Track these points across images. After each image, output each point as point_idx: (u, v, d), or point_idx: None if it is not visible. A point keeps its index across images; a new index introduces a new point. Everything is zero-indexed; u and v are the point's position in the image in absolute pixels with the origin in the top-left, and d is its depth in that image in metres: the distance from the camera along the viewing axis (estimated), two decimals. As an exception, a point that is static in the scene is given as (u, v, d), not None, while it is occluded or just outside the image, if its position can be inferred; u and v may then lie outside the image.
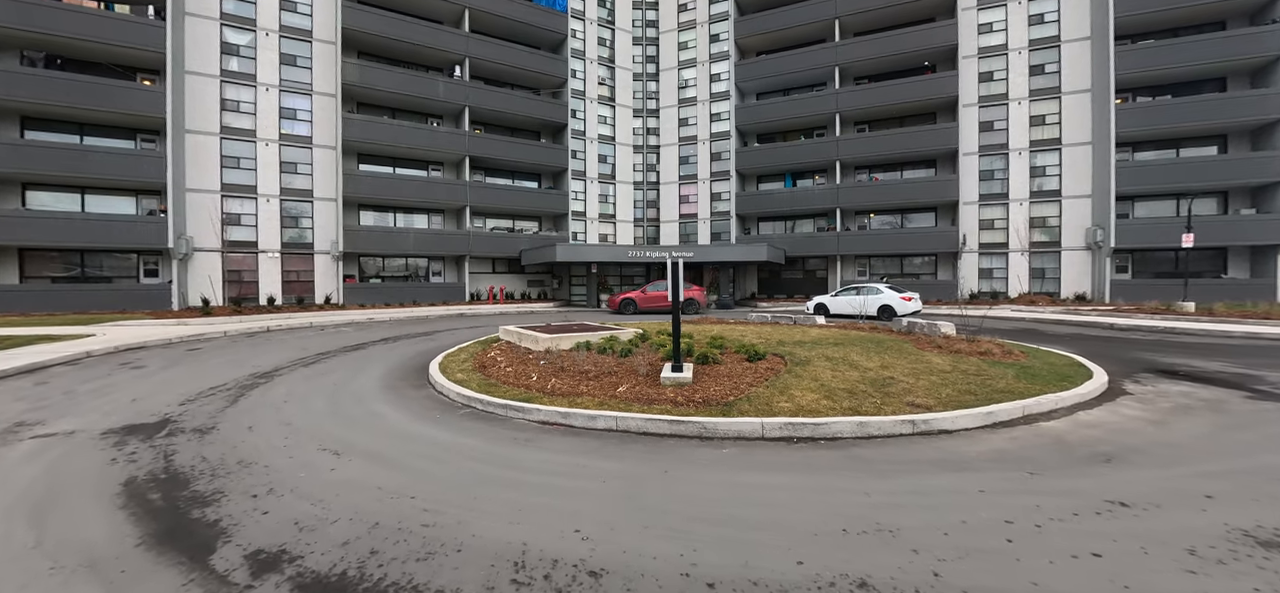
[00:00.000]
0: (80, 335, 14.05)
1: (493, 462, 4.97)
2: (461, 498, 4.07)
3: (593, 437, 5.71)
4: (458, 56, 27.73)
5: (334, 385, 8.61)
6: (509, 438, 5.68)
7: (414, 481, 4.45)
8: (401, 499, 4.04)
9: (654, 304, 23.60)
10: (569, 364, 8.44)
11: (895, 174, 30.23)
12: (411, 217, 28.13)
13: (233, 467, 4.83)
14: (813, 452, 5.20)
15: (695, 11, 35.34)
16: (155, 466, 4.89)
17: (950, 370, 8.05)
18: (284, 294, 24.40)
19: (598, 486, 4.35)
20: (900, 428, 5.72)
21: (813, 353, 9.16)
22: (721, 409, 6.18)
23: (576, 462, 4.94)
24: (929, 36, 28.04)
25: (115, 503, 4.04)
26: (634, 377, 7.54)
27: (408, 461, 5.02)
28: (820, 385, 7.11)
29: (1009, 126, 27.72)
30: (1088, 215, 26.18)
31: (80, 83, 19.76)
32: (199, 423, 6.38)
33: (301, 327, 17.40)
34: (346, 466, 4.83)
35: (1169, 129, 24.82)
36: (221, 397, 7.85)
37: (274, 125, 24.32)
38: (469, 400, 7.14)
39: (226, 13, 23.38)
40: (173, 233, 21.02)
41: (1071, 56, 26.58)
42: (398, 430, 6.05)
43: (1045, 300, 25.26)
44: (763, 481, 4.46)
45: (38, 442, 5.69)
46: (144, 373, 9.76)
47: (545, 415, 6.23)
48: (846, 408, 6.17)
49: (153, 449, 5.39)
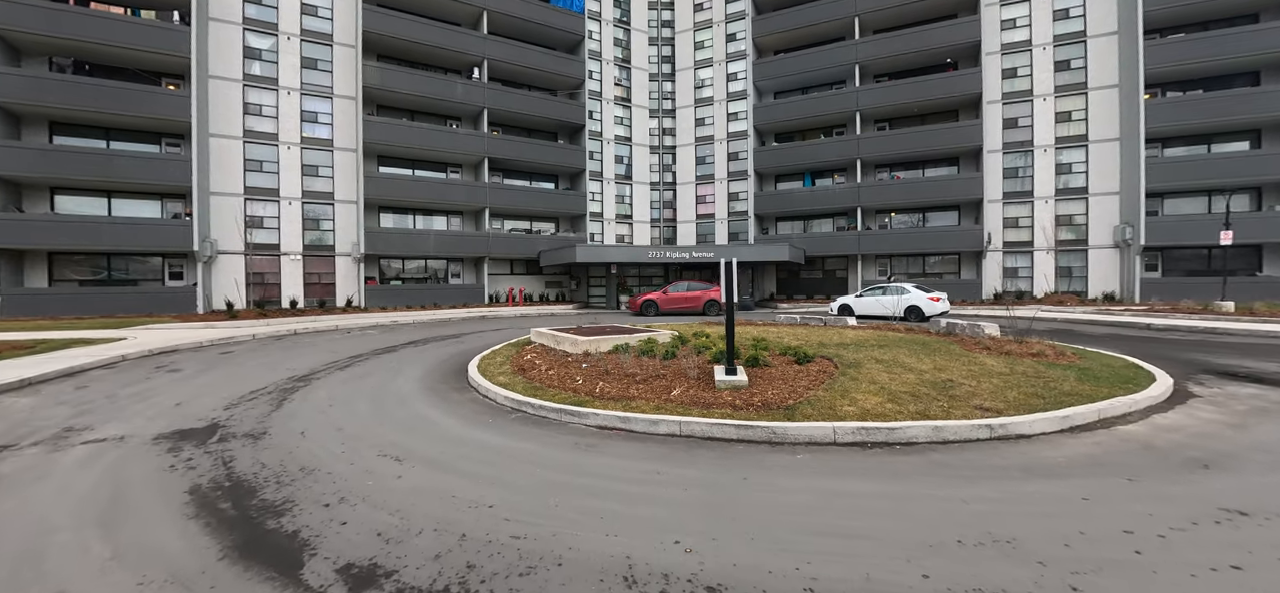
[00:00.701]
0: (112, 338, 14.10)
1: (561, 468, 4.80)
2: (542, 507, 3.91)
3: (656, 442, 5.53)
4: (476, 58, 27.74)
5: (374, 389, 8.51)
6: (570, 444, 5.51)
7: (487, 489, 4.29)
8: (480, 509, 3.88)
9: (676, 305, 23.39)
10: (613, 367, 8.27)
11: (916, 172, 29.83)
12: (430, 219, 28.15)
13: (295, 474, 4.70)
14: (890, 457, 4.99)
15: (711, 11, 35.16)
16: (216, 472, 4.77)
17: (1008, 372, 7.78)
18: (305, 297, 24.49)
19: (680, 493, 4.16)
20: (976, 433, 5.49)
21: (860, 354, 8.92)
22: (784, 413, 5.97)
23: (649, 468, 4.76)
24: (951, 33, 27.65)
25: (185, 512, 3.91)
26: (684, 380, 7.35)
27: (472, 467, 4.86)
28: (879, 388, 6.89)
29: (1033, 123, 27.25)
30: (1115, 213, 25.66)
31: (107, 88, 19.96)
32: (249, 428, 6.28)
33: (327, 329, 17.39)
34: (411, 473, 4.69)
35: (1199, 124, 24.27)
36: (264, 400, 7.76)
37: (295, 129, 24.44)
38: (517, 404, 6.98)
39: (249, 18, 23.53)
40: (197, 236, 21.15)
41: (1098, 51, 26.09)
42: (453, 436, 5.90)
43: (1073, 300, 24.75)
44: (850, 488, 4.26)
45: (90, 447, 5.61)
46: (181, 376, 9.72)
47: (603, 420, 6.06)
48: (914, 411, 5.95)
49: (209, 455, 5.28)
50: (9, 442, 5.88)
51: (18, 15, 18.84)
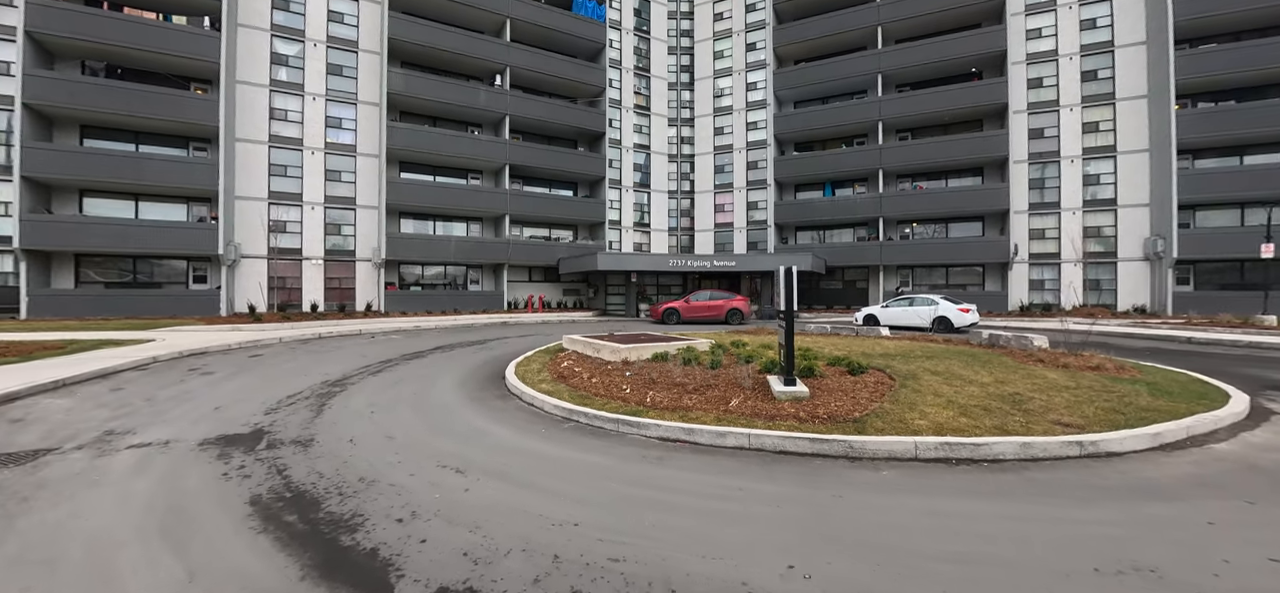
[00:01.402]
0: (141, 340, 14.06)
1: (633, 483, 4.55)
2: (631, 525, 3.66)
3: (724, 455, 5.27)
4: (498, 65, 27.82)
5: (413, 396, 8.31)
6: (635, 456, 5.26)
7: (563, 505, 4.05)
8: (565, 527, 3.63)
9: (698, 314, 23.12)
10: (660, 376, 8.02)
11: (939, 182, 29.46)
12: (450, 224, 28.14)
13: (356, 484, 4.49)
14: (981, 475, 4.71)
15: (731, 21, 35.13)
16: (273, 482, 4.57)
17: (1074, 387, 7.44)
18: (326, 301, 24.48)
19: (772, 511, 3.90)
20: (1066, 450, 5.19)
21: (912, 366, 8.61)
22: (854, 427, 5.69)
23: (728, 483, 4.50)
24: (976, 42, 27.38)
25: (251, 526, 3.70)
26: (739, 390, 7.08)
27: (540, 480, 4.62)
28: (946, 402, 6.58)
29: (1060, 133, 26.84)
30: (1145, 225, 25.12)
31: (138, 91, 20.17)
32: (295, 435, 6.09)
33: (351, 334, 17.30)
34: (478, 486, 4.45)
35: (1231, 135, 23.76)
36: (304, 406, 7.59)
37: (320, 134, 24.57)
38: (569, 414, 6.74)
39: (277, 24, 23.76)
40: (222, 239, 21.22)
41: (1126, 62, 25.69)
42: (510, 446, 5.67)
43: (1104, 313, 24.17)
44: (954, 508, 3.98)
45: (136, 453, 5.44)
46: (215, 380, 9.58)
47: (664, 432, 5.80)
48: (991, 427, 5.65)
49: (260, 463, 5.09)
50: (52, 445, 5.74)
51: (53, 19, 19.12)
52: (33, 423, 6.61)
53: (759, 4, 34.12)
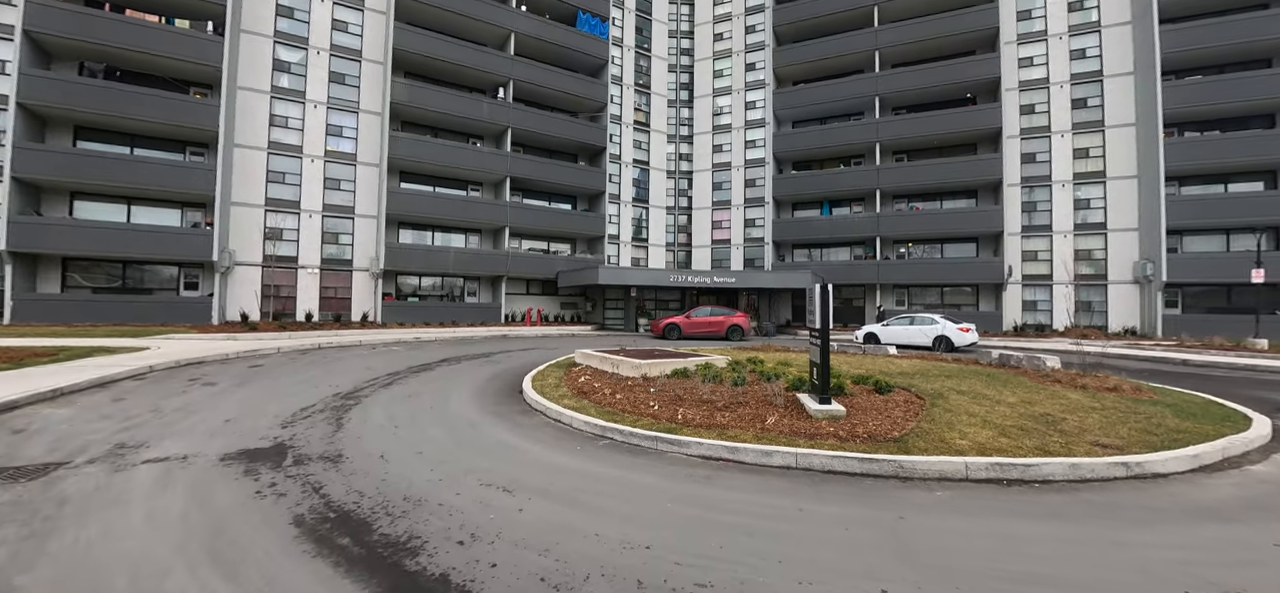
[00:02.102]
0: (134, 348, 13.61)
1: (690, 502, 4.43)
2: (704, 548, 3.54)
3: (773, 474, 5.17)
4: (502, 79, 27.85)
5: (433, 410, 8.11)
6: (682, 475, 5.15)
7: (627, 526, 3.91)
8: (637, 550, 3.51)
9: (699, 330, 23.07)
10: (685, 393, 7.92)
11: (934, 204, 29.94)
12: (449, 236, 27.89)
13: (401, 504, 4.31)
14: (1036, 496, 4.68)
15: (731, 42, 35.67)
16: (312, 501, 4.37)
17: (1099, 408, 7.48)
18: (321, 311, 24.02)
19: (841, 534, 3.80)
20: (1113, 471, 5.18)
21: (936, 386, 8.61)
22: (896, 446, 5.63)
23: (786, 504, 4.40)
24: (971, 69, 28.07)
25: (303, 549, 3.51)
26: (771, 408, 7.01)
27: (592, 500, 4.48)
28: (981, 421, 6.56)
29: (1052, 159, 27.49)
30: (1134, 249, 25.70)
31: (136, 94, 19.79)
32: (321, 450, 5.87)
33: (351, 345, 16.94)
34: (531, 506, 4.30)
35: (1216, 164, 24.50)
36: (320, 420, 7.35)
37: (320, 142, 24.30)
38: (602, 431, 6.60)
39: (280, 31, 23.58)
40: (217, 246, 20.76)
41: (1114, 91, 26.47)
42: (548, 463, 5.52)
43: (1096, 333, 24.58)
44: (1021, 530, 3.94)
45: (155, 468, 5.19)
46: (219, 391, 9.27)
47: (706, 450, 5.69)
48: (1033, 448, 5.62)
49: (292, 480, 4.88)
50: (61, 458, 5.47)
51: (54, 19, 18.76)
52: (36, 434, 6.31)
53: (758, 26, 34.71)
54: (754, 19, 34.82)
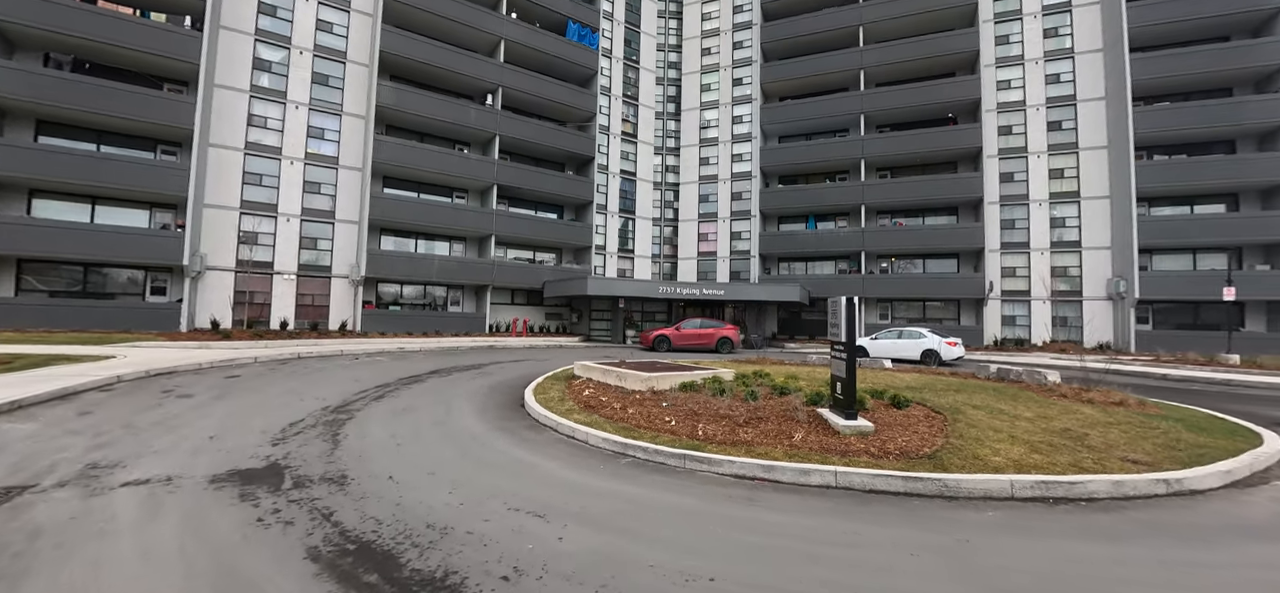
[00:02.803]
0: (98, 356, 12.71)
1: (742, 527, 4.16)
2: (775, 581, 3.28)
3: (813, 494, 4.94)
4: (490, 85, 27.43)
5: (434, 424, 7.68)
6: (720, 496, 4.87)
7: (682, 555, 3.62)
8: (700, 582, 3.23)
9: (689, 342, 22.87)
10: (702, 408, 7.66)
11: (917, 220, 30.53)
12: (432, 243, 27.17)
13: (425, 532, 3.93)
14: (1086, 515, 4.57)
15: (718, 56, 36.01)
16: (325, 530, 3.94)
17: (1114, 422, 7.48)
18: (297, 318, 23.03)
19: (909, 560, 3.59)
20: (1155, 488, 5.13)
21: (949, 400, 8.53)
22: (931, 463, 5.47)
23: (841, 526, 4.17)
24: (952, 90, 28.84)
25: (326, 589, 3.11)
26: (795, 423, 6.79)
27: (633, 525, 4.17)
28: (1007, 436, 6.47)
29: (1028, 178, 28.34)
30: (1108, 266, 26.57)
31: (106, 88, 18.72)
32: (321, 470, 5.42)
33: (333, 354, 16.20)
34: (571, 534, 3.96)
35: (1183, 186, 25.57)
36: (314, 436, 6.86)
37: (301, 144, 23.44)
38: (623, 448, 6.27)
39: (262, 29, 22.76)
40: (188, 249, 19.72)
41: (1087, 115, 27.48)
42: (576, 485, 5.18)
43: (1073, 348, 25.20)
44: (1087, 552, 3.83)
45: (136, 491, 4.68)
46: (197, 404, 8.64)
47: (740, 468, 5.43)
48: (1069, 464, 5.54)
49: (296, 505, 4.43)
50: (26, 481, 4.90)
51: (21, 8, 17.65)
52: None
53: (746, 42, 35.13)
54: (742, 35, 35.25)
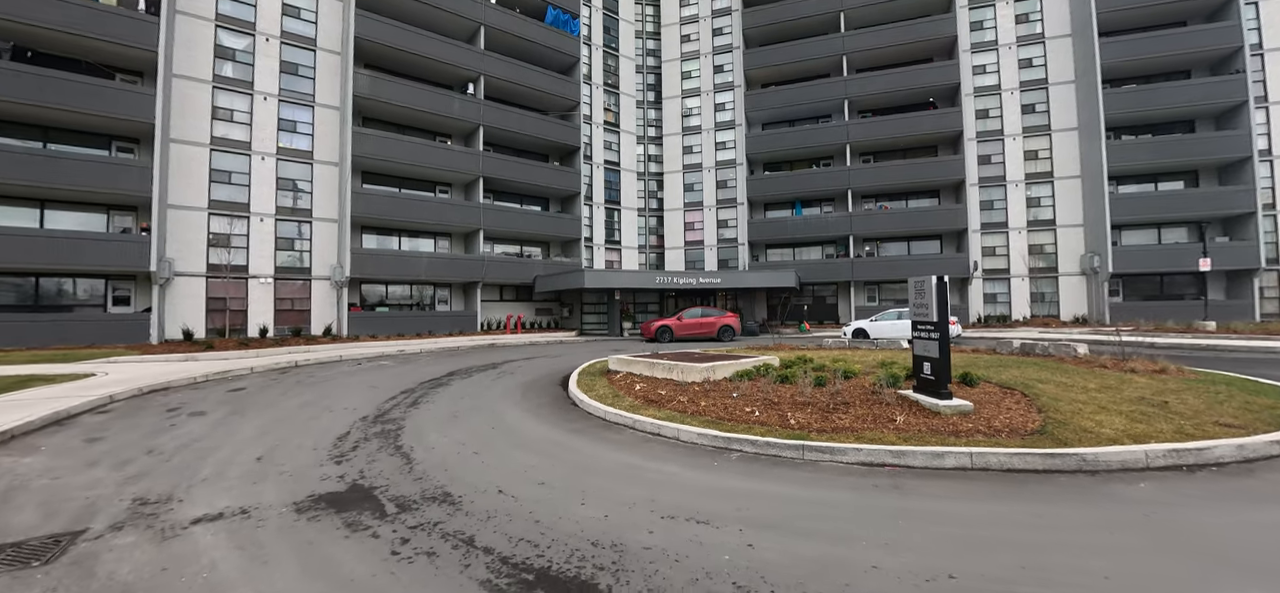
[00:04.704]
0: (74, 375, 11.46)
1: (924, 519, 3.92)
2: (1005, 574, 3.05)
3: (957, 478, 4.76)
4: (472, 74, 26.33)
5: (493, 428, 7.21)
6: (868, 486, 4.64)
7: (903, 555, 3.36)
8: (939, 580, 2.96)
9: (691, 331, 22.69)
10: (778, 397, 7.42)
11: (900, 203, 31.21)
12: (416, 240, 25.98)
13: (594, 551, 3.51)
14: (1228, 480, 4.59)
15: (698, 44, 35.71)
16: (480, 559, 3.44)
17: (1177, 389, 7.62)
18: (276, 324, 21.59)
19: (1113, 536, 3.43)
20: (1271, 449, 5.17)
21: (1009, 375, 8.56)
22: (1049, 439, 5.38)
23: (1021, 512, 3.98)
24: (933, 75, 29.48)
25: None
26: (886, 406, 6.63)
27: (819, 526, 3.88)
28: (1098, 407, 6.49)
29: (1005, 160, 29.32)
30: (1080, 243, 27.84)
31: (53, 79, 16.84)
32: (413, 489, 4.89)
33: (330, 360, 15.19)
34: (762, 540, 3.61)
35: (1148, 165, 26.97)
36: (373, 450, 6.31)
37: (271, 138, 21.88)
38: (725, 444, 5.93)
39: (222, 15, 21.03)
40: (156, 254, 18.12)
41: (1058, 97, 28.60)
42: (710, 487, 4.84)
43: (1054, 323, 26.40)
44: (1260, 518, 3.73)
45: (215, 529, 4.02)
46: (216, 422, 7.82)
47: (866, 456, 5.20)
48: (1173, 431, 5.56)
49: (421, 531, 3.90)
50: (70, 526, 4.13)
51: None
52: (11, 495, 4.83)
53: (726, 28, 34.96)
54: (721, 22, 35.06)
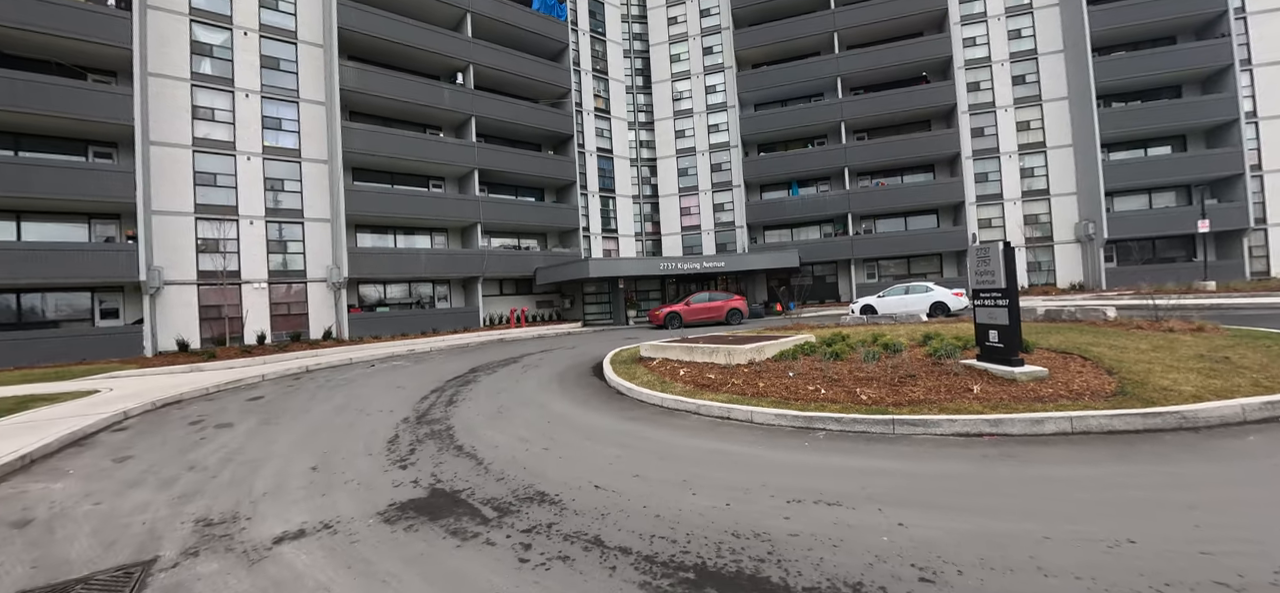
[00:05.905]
0: (76, 393, 10.85)
1: (1064, 486, 3.80)
2: (1175, 537, 2.91)
3: (1061, 442, 4.66)
4: (461, 63, 25.57)
5: (550, 421, 6.97)
6: (978, 456, 4.51)
7: (1066, 524, 3.22)
8: (1121, 546, 2.81)
9: (700, 316, 22.55)
10: (838, 374, 7.29)
11: (896, 179, 31.34)
12: (412, 237, 25.32)
13: (737, 542, 3.33)
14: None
15: (686, 25, 35.22)
16: (623, 560, 3.18)
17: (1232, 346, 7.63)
18: (273, 330, 20.89)
19: (1261, 490, 3.30)
20: (1359, 403, 5.14)
21: (1059, 340, 8.55)
22: (1128, 400, 5.30)
23: (1152, 472, 3.88)
24: (924, 49, 29.49)
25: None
26: (955, 377, 6.52)
27: (960, 502, 3.72)
28: (1166, 366, 6.46)
29: (998, 132, 29.55)
30: (1074, 211, 28.27)
31: (22, 81, 15.82)
32: (501, 490, 4.62)
33: (341, 364, 14.68)
34: (910, 518, 3.44)
35: (1138, 131, 27.38)
36: (433, 450, 6.08)
37: (256, 137, 20.99)
38: (806, 422, 5.76)
39: (196, 8, 20.00)
40: (144, 263, 17.30)
41: (1048, 68, 28.84)
42: (817, 466, 4.67)
43: (1054, 291, 26.82)
44: None
45: (307, 547, 3.69)
46: (248, 433, 7.45)
47: (961, 427, 5.06)
48: (1250, 385, 5.53)
49: (537, 534, 3.63)
50: (136, 556, 3.73)
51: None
52: (54, 523, 4.45)
53: (714, 9, 34.54)
54: (708, 3, 34.62)
